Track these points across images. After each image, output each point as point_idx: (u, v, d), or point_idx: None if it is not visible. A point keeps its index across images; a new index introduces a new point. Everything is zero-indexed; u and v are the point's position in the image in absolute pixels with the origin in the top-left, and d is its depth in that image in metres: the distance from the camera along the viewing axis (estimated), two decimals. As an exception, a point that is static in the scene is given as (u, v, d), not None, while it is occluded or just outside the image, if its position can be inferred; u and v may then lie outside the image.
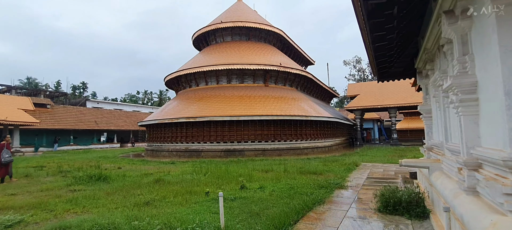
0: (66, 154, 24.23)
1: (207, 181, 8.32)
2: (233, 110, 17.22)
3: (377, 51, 5.81)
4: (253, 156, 16.80)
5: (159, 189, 7.21)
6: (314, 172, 9.86)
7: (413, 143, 30.61)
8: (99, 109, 38.81)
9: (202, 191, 6.82)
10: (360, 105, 27.91)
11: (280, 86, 21.55)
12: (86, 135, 34.28)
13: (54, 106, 32.42)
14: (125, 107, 50.66)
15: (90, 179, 8.80)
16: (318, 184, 7.44)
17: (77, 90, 72.81)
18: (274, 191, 6.80)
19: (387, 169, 10.52)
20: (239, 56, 20.52)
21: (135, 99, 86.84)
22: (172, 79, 22.66)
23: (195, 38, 25.00)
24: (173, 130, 18.50)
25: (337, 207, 5.29)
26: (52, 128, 29.41)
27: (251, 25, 22.43)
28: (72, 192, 7.44)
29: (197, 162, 14.46)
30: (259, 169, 10.90)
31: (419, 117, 25.45)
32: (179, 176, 9.46)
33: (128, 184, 8.10)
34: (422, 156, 10.37)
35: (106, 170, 12.04)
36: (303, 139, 18.82)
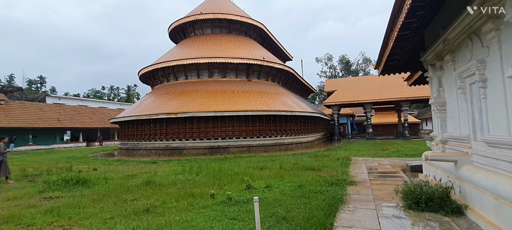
0: (26, 155, 21.77)
1: (204, 181, 7.62)
2: (217, 106, 16.44)
3: (398, 41, 5.55)
4: (238, 152, 16.22)
5: (154, 193, 6.40)
6: (311, 167, 9.56)
7: (385, 137, 31.96)
8: (61, 106, 35.54)
9: (204, 193, 6.14)
10: (338, 101, 28.41)
11: (263, 81, 21.10)
12: (47, 133, 31.19)
13: (8, 102, 28.99)
14: (90, 103, 47.08)
15: (66, 184, 7.68)
16: (325, 181, 7.10)
17: (33, 85, 66.37)
18: (284, 190, 6.32)
19: (381, 163, 10.54)
20: (221, 50, 19.69)
21: (100, 95, 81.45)
22: (147, 73, 21.19)
23: (171, 30, 23.61)
24: (152, 126, 17.26)
25: (363, 206, 4.94)
26: (7, 126, 26.25)
27: (232, 18, 21.64)
28: (47, 200, 6.36)
29: (182, 160, 13.56)
30: (253, 166, 10.38)
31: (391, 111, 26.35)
32: (169, 177, 8.64)
33: (113, 188, 7.14)
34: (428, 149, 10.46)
35: (80, 172, 10.81)
36: (288, 135, 18.59)
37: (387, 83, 29.44)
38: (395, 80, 29.74)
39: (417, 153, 13.35)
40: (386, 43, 6.22)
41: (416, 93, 26.60)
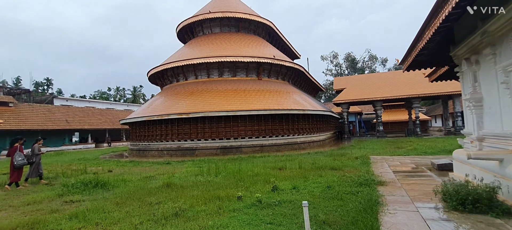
0: (36, 157, 21.78)
1: (226, 183, 7.41)
2: (229, 105, 16.24)
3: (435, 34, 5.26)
4: (251, 152, 16.01)
5: (178, 196, 6.20)
6: (331, 167, 9.30)
7: (396, 135, 31.49)
8: (69, 107, 35.67)
9: (231, 195, 5.93)
10: (348, 98, 28.04)
11: (273, 80, 20.86)
12: (56, 135, 31.30)
13: (17, 104, 29.14)
14: (97, 104, 47.25)
15: (85, 187, 7.52)
16: (352, 181, 6.84)
17: (40, 88, 66.86)
18: (312, 191, 6.08)
19: (403, 161, 10.24)
20: (231, 48, 19.48)
21: (106, 97, 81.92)
22: (157, 73, 21.07)
23: (180, 29, 23.47)
24: (163, 127, 17.12)
25: (402, 208, 4.69)
26: (16, 128, 26.38)
27: (241, 16, 21.41)
28: (68, 204, 6.19)
29: (196, 161, 13.39)
30: (271, 167, 10.14)
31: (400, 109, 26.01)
32: (188, 178, 8.45)
33: (134, 191, 6.97)
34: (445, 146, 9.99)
35: (96, 174, 10.69)
36: (300, 134, 18.33)
37: (398, 80, 29.02)
38: (405, 77, 29.30)
39: (436, 151, 12.99)
40: (419, 37, 5.95)
41: (427, 90, 26.15)
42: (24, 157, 8.49)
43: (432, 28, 5.33)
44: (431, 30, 5.38)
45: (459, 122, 25.58)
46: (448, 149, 13.24)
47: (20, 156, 8.40)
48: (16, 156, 8.30)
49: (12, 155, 8.36)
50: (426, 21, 5.40)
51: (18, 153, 8.41)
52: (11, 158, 8.34)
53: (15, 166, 8.22)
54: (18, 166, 8.26)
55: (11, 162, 8.32)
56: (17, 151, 8.46)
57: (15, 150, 8.44)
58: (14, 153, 8.35)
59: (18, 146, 8.63)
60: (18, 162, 8.25)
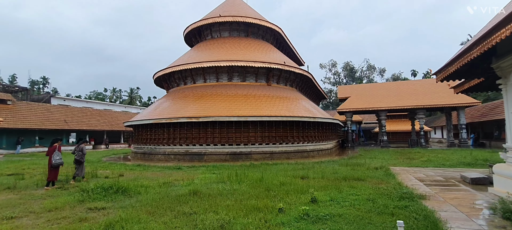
0: (35, 157, 21.09)
1: (255, 192, 7.04)
2: (239, 110, 15.91)
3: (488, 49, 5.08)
4: (261, 159, 15.66)
5: (210, 205, 5.83)
6: (356, 178, 9.01)
7: (398, 145, 31.50)
8: (68, 107, 34.87)
9: (269, 206, 5.59)
10: (352, 107, 27.97)
11: (282, 86, 20.63)
12: (54, 135, 30.33)
13: (15, 102, 28.31)
14: (94, 105, 46.35)
15: (106, 192, 7.08)
16: (389, 194, 6.55)
17: (36, 86, 65.60)
18: (354, 204, 5.77)
19: (427, 174, 10.01)
20: (241, 53, 19.23)
21: (102, 97, 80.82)
22: (163, 76, 20.67)
23: (188, 32, 23.17)
24: (171, 130, 16.68)
25: (466, 226, 4.41)
26: (14, 127, 25.55)
27: (251, 21, 21.23)
28: (93, 211, 5.77)
29: (209, 166, 12.98)
30: (291, 175, 9.82)
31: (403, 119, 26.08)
32: (210, 186, 8.06)
33: (159, 198, 6.57)
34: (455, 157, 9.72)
35: (107, 177, 10.23)
36: (309, 141, 18.05)
37: (402, 90, 29.10)
38: (410, 88, 29.44)
39: (454, 164, 12.81)
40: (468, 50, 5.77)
41: (432, 101, 26.24)
42: (61, 157, 8.61)
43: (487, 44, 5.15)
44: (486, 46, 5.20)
45: (463, 134, 25.65)
46: (466, 162, 13.10)
47: (58, 155, 8.50)
48: (55, 155, 8.42)
49: (51, 154, 8.49)
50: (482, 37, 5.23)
51: (56, 152, 8.51)
52: (49, 157, 8.48)
53: (53, 165, 8.36)
54: (55, 165, 8.40)
55: (49, 161, 8.41)
56: (56, 150, 8.56)
57: (54, 150, 8.57)
58: (53, 152, 8.48)
59: (57, 146, 8.77)
60: (55, 161, 8.37)
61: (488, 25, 6.19)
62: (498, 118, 25.36)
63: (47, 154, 8.71)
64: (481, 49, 5.51)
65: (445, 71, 7.18)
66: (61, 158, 8.58)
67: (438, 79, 7.79)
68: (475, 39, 5.85)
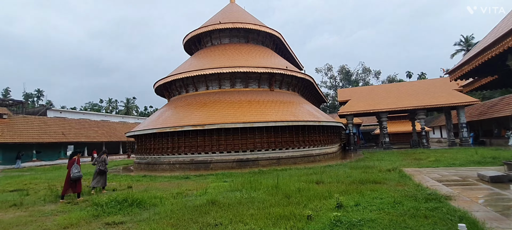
0: (34, 172, 20.55)
1: (275, 200, 6.85)
2: (244, 117, 15.75)
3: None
4: (268, 165, 15.46)
5: (234, 215, 5.63)
6: (372, 181, 8.87)
7: (400, 146, 31.53)
8: (65, 119, 34.32)
9: (296, 214, 5.40)
10: (353, 110, 27.97)
11: (284, 91, 20.56)
12: (52, 148, 29.87)
13: (11, 116, 27.76)
14: (91, 116, 45.72)
15: (120, 206, 6.83)
16: (412, 196, 6.40)
17: (30, 99, 64.66)
18: (383, 208, 5.61)
19: (441, 174, 9.89)
20: (242, 59, 19.15)
21: (97, 108, 79.96)
22: (164, 84, 20.46)
23: (187, 40, 23.05)
24: (175, 139, 16.42)
25: (504, 225, 4.28)
26: (11, 142, 24.98)
27: (251, 27, 21.22)
28: (111, 226, 5.52)
29: (218, 175, 12.74)
30: (305, 180, 9.65)
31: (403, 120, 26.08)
32: (226, 195, 7.84)
33: (177, 210, 6.34)
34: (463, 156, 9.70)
35: (114, 190, 9.95)
36: (315, 146, 17.92)
37: (402, 91, 29.25)
38: (409, 88, 29.62)
39: (465, 163, 12.75)
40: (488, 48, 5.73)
41: (432, 101, 26.37)
42: (79, 170, 8.62)
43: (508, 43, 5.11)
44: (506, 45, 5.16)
45: (464, 133, 25.76)
46: (475, 160, 13.07)
47: (76, 168, 8.53)
48: (73, 169, 8.46)
49: (70, 167, 8.55)
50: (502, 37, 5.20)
51: (75, 165, 8.55)
52: (68, 169, 8.56)
53: (72, 178, 8.41)
54: (74, 178, 8.45)
55: (68, 174, 8.48)
56: (75, 163, 8.60)
57: (73, 163, 8.62)
58: (72, 165, 8.54)
59: (77, 159, 8.80)
60: (74, 174, 8.40)
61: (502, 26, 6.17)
62: (497, 115, 25.60)
63: (67, 166, 8.77)
64: (500, 48, 5.47)
65: (460, 70, 7.14)
66: (79, 171, 8.59)
67: (452, 78, 7.76)
68: (493, 39, 5.81)
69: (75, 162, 8.66)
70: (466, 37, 52.81)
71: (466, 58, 6.72)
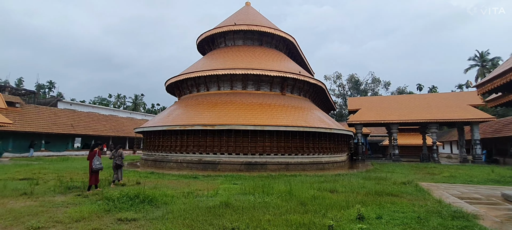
0: (43, 162, 20.63)
1: (290, 206, 6.62)
2: (255, 119, 15.56)
3: None
4: (276, 170, 15.20)
5: (250, 219, 5.42)
6: (388, 193, 8.57)
7: (409, 159, 30.92)
8: (74, 112, 34.61)
9: (316, 223, 5.17)
10: (363, 119, 27.55)
11: (296, 96, 20.33)
12: (60, 139, 30.11)
13: (24, 105, 28.10)
14: (100, 110, 46.07)
15: (132, 201, 6.68)
16: (437, 212, 6.10)
17: (41, 90, 65.64)
18: (406, 222, 5.33)
19: (461, 190, 9.50)
20: (256, 62, 19.02)
21: (106, 103, 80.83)
22: (176, 82, 20.45)
23: (201, 40, 23.06)
24: (184, 138, 16.31)
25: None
26: (21, 130, 25.24)
27: (265, 30, 21.11)
28: (124, 222, 5.35)
29: (227, 176, 12.56)
30: (317, 188, 9.40)
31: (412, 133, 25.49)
32: (238, 198, 7.63)
33: (190, 209, 6.16)
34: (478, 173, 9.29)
35: (124, 185, 9.83)
36: (324, 153, 17.62)
37: (413, 104, 28.71)
38: (421, 101, 29.08)
39: (482, 180, 12.29)
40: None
41: (445, 115, 25.79)
42: (101, 162, 8.74)
43: None
44: None
45: (477, 150, 25.10)
46: (494, 179, 12.64)
47: (98, 160, 8.65)
48: (95, 160, 8.56)
49: (91, 159, 8.60)
50: None
51: (96, 157, 8.65)
52: (90, 161, 8.60)
53: (93, 170, 8.51)
54: (95, 170, 8.55)
55: (90, 165, 8.56)
56: (96, 155, 8.69)
57: (94, 154, 8.70)
58: (93, 157, 8.61)
59: (98, 151, 8.89)
60: (96, 166, 8.53)
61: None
62: (512, 134, 24.91)
63: (88, 158, 8.79)
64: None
65: (491, 83, 6.85)
66: (101, 163, 8.72)
67: (479, 92, 7.46)
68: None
69: (96, 154, 8.76)
70: (481, 53, 51.98)
71: (498, 72, 6.44)
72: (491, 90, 7.23)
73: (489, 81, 6.88)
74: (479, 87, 7.34)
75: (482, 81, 7.14)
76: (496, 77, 6.61)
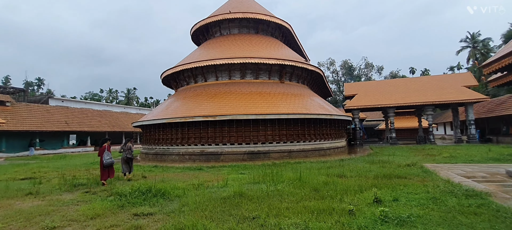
0: (39, 160, 20.26)
1: (304, 193, 6.62)
2: (256, 109, 15.46)
3: None
4: (279, 158, 15.24)
5: (267, 207, 5.40)
6: (396, 175, 8.67)
7: (405, 142, 31.40)
8: (68, 108, 33.90)
9: (334, 208, 5.17)
10: (360, 104, 27.71)
11: (294, 83, 20.24)
12: (55, 137, 29.57)
13: (14, 104, 27.35)
14: (93, 106, 45.21)
15: (144, 196, 6.58)
16: (452, 192, 6.16)
17: (30, 88, 63.95)
18: (423, 203, 5.38)
19: (465, 170, 9.68)
20: (254, 50, 18.77)
21: (98, 98, 79.42)
22: (173, 74, 20.08)
23: (195, 30, 22.59)
24: (185, 130, 16.14)
25: None
26: (14, 130, 24.65)
27: (261, 17, 20.77)
28: (141, 217, 5.26)
29: (232, 166, 12.55)
30: (326, 174, 9.45)
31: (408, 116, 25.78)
32: (248, 187, 7.62)
33: (204, 201, 6.09)
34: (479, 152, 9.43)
35: (129, 180, 9.70)
36: (326, 139, 17.71)
37: (410, 87, 28.96)
38: (417, 84, 29.34)
39: (483, 159, 12.54)
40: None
41: (440, 97, 26.10)
42: (111, 156, 8.90)
43: None
44: None
45: (472, 130, 25.58)
46: (493, 157, 12.90)
47: (108, 155, 8.80)
48: (105, 155, 8.72)
49: (101, 154, 8.80)
50: None
51: (106, 152, 8.80)
52: (100, 157, 8.82)
53: (104, 165, 8.70)
54: (106, 165, 8.73)
55: (101, 161, 8.77)
56: (105, 150, 8.83)
57: (104, 150, 8.85)
58: (103, 153, 8.78)
59: (107, 146, 9.02)
60: (106, 161, 8.69)
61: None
62: (505, 113, 25.37)
63: (99, 154, 8.98)
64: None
65: (498, 63, 6.88)
66: (111, 157, 8.86)
67: (486, 71, 7.51)
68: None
69: (106, 149, 8.89)
70: (472, 34, 52.41)
71: (506, 51, 6.43)
72: (498, 70, 7.26)
73: (496, 60, 6.90)
74: (486, 67, 7.37)
75: (489, 61, 7.17)
76: (504, 57, 6.62)
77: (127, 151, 10.10)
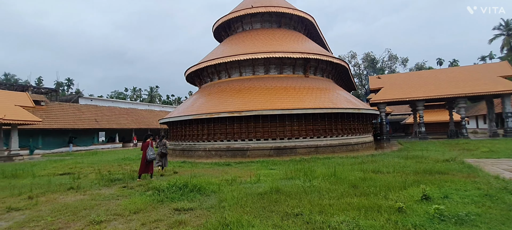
0: (73, 156, 21.28)
1: (343, 189, 6.40)
2: (281, 104, 15.27)
3: None
4: (306, 153, 15.00)
5: (308, 203, 5.25)
6: (437, 171, 8.23)
7: (435, 136, 30.02)
8: (97, 107, 35.36)
9: (381, 205, 4.93)
10: (387, 98, 26.71)
11: (319, 77, 19.80)
12: (86, 134, 30.96)
13: (48, 103, 28.88)
14: (120, 104, 46.90)
15: (181, 191, 6.64)
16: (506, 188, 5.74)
17: (60, 88, 67.35)
18: (476, 201, 5.02)
19: (508, 164, 9.04)
20: (277, 44, 18.53)
21: (123, 97, 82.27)
22: (196, 71, 20.28)
23: (217, 26, 22.64)
24: (211, 126, 16.27)
25: None
26: (48, 128, 26.04)
27: (284, 11, 20.44)
28: (182, 212, 5.29)
29: (259, 161, 12.51)
30: (359, 169, 9.14)
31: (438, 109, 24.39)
32: (282, 182, 7.49)
33: (241, 197, 6.03)
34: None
35: (162, 176, 9.89)
36: (353, 134, 17.22)
37: (440, 79, 27.53)
38: (448, 76, 27.85)
39: (529, 154, 11.68)
40: None
41: (474, 89, 24.60)
42: (154, 152, 9.22)
43: None
44: None
45: (510, 123, 23.96)
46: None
47: (151, 150, 9.12)
48: (149, 151, 9.04)
49: (145, 149, 9.12)
50: None
51: (150, 148, 9.12)
52: (143, 152, 9.14)
53: (147, 160, 9.03)
54: (150, 160, 9.08)
55: (143, 155, 9.09)
56: (149, 146, 9.15)
57: (147, 145, 9.17)
58: (147, 148, 9.10)
59: (150, 142, 9.36)
60: (150, 156, 9.03)
61: None
62: (548, 105, 23.52)
63: (142, 148, 9.36)
64: None
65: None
66: (154, 153, 9.19)
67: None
68: None
69: (149, 144, 9.18)
70: (506, 21, 49.05)
71: None
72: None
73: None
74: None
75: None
76: None
77: (162, 146, 10.54)
